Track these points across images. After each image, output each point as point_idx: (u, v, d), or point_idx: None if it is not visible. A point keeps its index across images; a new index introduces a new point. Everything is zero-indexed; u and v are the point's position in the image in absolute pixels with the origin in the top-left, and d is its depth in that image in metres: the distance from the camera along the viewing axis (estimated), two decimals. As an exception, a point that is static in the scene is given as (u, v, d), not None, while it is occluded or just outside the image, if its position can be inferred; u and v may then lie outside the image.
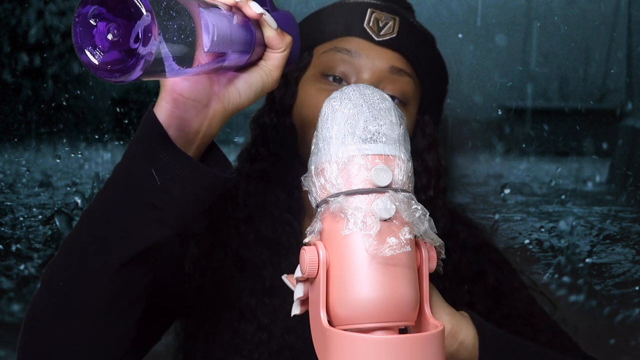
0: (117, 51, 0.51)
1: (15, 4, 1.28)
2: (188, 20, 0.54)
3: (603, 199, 1.34)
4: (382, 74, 0.91)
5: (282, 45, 0.69)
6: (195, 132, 0.68)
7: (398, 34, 0.92)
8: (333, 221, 0.63)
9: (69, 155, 1.31)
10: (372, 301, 0.61)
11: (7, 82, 1.28)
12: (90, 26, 0.52)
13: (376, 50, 0.92)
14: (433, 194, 0.97)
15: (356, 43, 0.92)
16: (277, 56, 0.70)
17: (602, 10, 1.29)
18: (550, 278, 1.34)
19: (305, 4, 1.27)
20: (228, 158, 0.73)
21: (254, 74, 0.69)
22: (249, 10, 0.66)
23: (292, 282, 0.71)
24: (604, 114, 1.33)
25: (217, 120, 0.69)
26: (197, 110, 0.68)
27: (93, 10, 0.51)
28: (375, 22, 0.92)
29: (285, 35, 0.70)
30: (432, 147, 0.98)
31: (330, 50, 0.92)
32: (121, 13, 0.50)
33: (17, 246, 1.31)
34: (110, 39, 0.52)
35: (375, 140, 0.63)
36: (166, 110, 0.67)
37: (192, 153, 0.69)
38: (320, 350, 0.63)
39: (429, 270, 0.66)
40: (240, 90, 0.69)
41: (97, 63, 0.52)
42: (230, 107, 0.69)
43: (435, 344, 0.60)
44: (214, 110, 0.69)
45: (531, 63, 1.31)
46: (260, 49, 0.69)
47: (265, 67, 0.70)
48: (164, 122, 0.66)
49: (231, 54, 0.63)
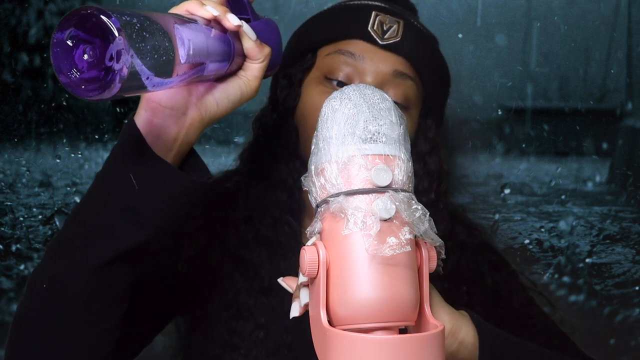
0: (94, 70, 0.54)
1: (15, 4, 1.28)
2: (162, 38, 0.57)
3: (603, 199, 1.34)
4: (386, 77, 0.91)
5: (260, 56, 0.71)
6: (172, 140, 0.70)
7: (402, 37, 0.93)
8: (333, 221, 0.63)
9: (69, 155, 1.31)
10: (372, 301, 0.61)
11: (7, 82, 1.28)
12: (67, 47, 0.55)
13: (380, 53, 0.92)
14: (434, 197, 0.97)
15: (360, 46, 0.92)
16: (256, 67, 0.72)
17: (602, 10, 1.29)
18: (550, 278, 1.34)
19: (305, 3, 1.27)
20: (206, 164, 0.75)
21: (232, 84, 0.71)
22: (227, 23, 0.67)
23: (289, 284, 0.71)
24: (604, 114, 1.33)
25: (194, 128, 0.71)
26: (174, 119, 0.70)
27: (70, 32, 0.54)
28: (379, 26, 0.92)
29: (264, 47, 0.71)
30: (434, 150, 0.98)
31: (334, 53, 0.92)
32: (96, 33, 0.53)
33: (17, 246, 1.31)
34: (86, 59, 0.54)
35: (375, 140, 0.63)
36: (145, 119, 0.69)
37: (170, 159, 0.71)
38: (320, 351, 0.63)
39: (429, 270, 0.66)
40: (217, 100, 0.71)
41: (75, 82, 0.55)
42: (207, 116, 0.71)
43: (435, 343, 0.60)
44: (191, 119, 0.71)
45: (531, 63, 1.31)
46: (239, 59, 0.71)
47: (244, 77, 0.72)
48: (143, 129, 0.69)
49: (209, 65, 0.65)
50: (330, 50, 0.93)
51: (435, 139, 0.98)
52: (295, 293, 0.69)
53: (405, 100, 0.92)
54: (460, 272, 1.00)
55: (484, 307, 0.99)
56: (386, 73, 0.91)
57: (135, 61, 0.53)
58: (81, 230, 0.71)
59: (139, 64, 0.54)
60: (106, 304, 0.73)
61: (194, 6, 0.66)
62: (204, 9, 0.66)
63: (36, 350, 0.73)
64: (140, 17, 0.55)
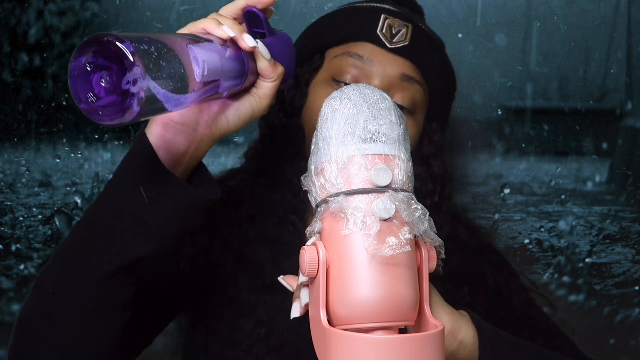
0: (112, 96, 0.55)
1: (15, 4, 1.28)
2: (178, 64, 0.58)
3: (603, 199, 1.34)
4: (393, 81, 0.91)
5: (273, 76, 0.72)
6: (182, 154, 0.71)
7: (410, 41, 0.93)
8: (333, 221, 0.63)
9: (69, 155, 1.31)
10: (372, 301, 0.61)
11: (7, 82, 1.28)
12: (85, 73, 0.55)
13: (388, 57, 0.92)
14: (438, 200, 0.97)
15: (369, 49, 0.92)
16: (269, 85, 0.72)
17: (602, 10, 1.29)
18: (550, 278, 1.34)
19: (305, 3, 1.27)
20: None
21: (244, 102, 0.72)
22: (244, 44, 0.68)
23: (289, 283, 0.71)
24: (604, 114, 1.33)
25: (204, 144, 0.72)
26: (185, 135, 0.70)
27: (87, 58, 0.55)
28: (388, 29, 0.92)
29: (277, 67, 0.72)
30: (439, 154, 0.98)
31: (343, 55, 0.93)
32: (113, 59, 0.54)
33: (17, 246, 1.31)
34: (103, 85, 0.55)
35: (375, 140, 0.63)
36: (157, 133, 0.70)
37: (179, 173, 0.72)
38: (320, 350, 0.63)
39: (429, 270, 0.66)
40: (229, 118, 0.72)
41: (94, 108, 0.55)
42: (218, 132, 0.72)
43: (435, 344, 0.60)
44: (201, 135, 0.71)
45: (531, 63, 1.31)
46: (253, 77, 0.72)
47: (256, 95, 0.72)
48: (154, 143, 0.69)
49: (224, 83, 0.66)
50: (338, 52, 0.94)
51: (440, 142, 0.98)
52: (296, 293, 0.69)
53: (412, 104, 0.92)
54: (461, 273, 1.00)
55: (485, 307, 0.99)
56: (394, 77, 0.91)
57: (151, 84, 0.54)
58: (88, 239, 0.72)
59: (155, 87, 0.54)
60: (110, 313, 0.73)
61: (212, 26, 0.67)
62: (221, 29, 0.67)
63: (38, 351, 0.73)
64: (157, 44, 0.56)
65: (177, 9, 1.28)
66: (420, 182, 0.96)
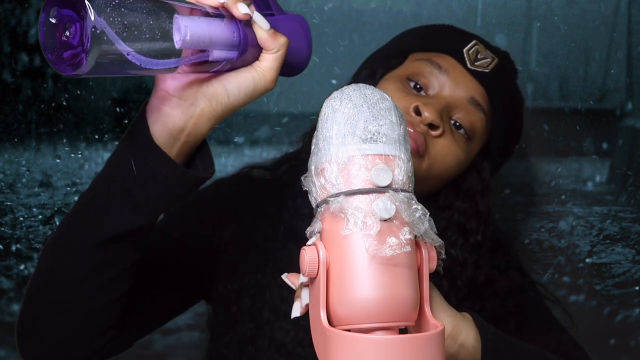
0: (74, 47, 0.57)
1: (15, 4, 1.28)
2: (149, 17, 0.59)
3: (603, 199, 1.34)
4: (460, 100, 0.94)
5: (274, 46, 0.69)
6: (179, 129, 0.70)
7: (491, 72, 0.96)
8: (333, 221, 0.63)
9: (69, 155, 1.31)
10: (372, 301, 0.61)
11: (7, 82, 1.28)
12: (52, 26, 0.57)
13: (465, 76, 0.95)
14: (480, 239, 0.98)
15: (449, 62, 0.95)
16: (270, 57, 0.70)
17: (602, 10, 1.29)
18: (550, 278, 1.34)
19: (305, 3, 1.27)
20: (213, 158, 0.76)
21: (244, 74, 0.70)
22: (236, 11, 0.66)
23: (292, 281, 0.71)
24: (604, 114, 1.33)
25: (204, 119, 0.70)
26: (183, 109, 0.69)
27: (53, 11, 0.57)
28: (474, 52, 0.96)
29: (278, 36, 0.69)
30: (486, 192, 1.00)
31: (424, 60, 0.96)
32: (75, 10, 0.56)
33: (17, 246, 1.31)
34: (68, 35, 0.57)
35: (375, 140, 0.63)
36: (154, 106, 0.70)
37: (177, 149, 0.71)
38: (320, 350, 0.63)
39: (429, 270, 0.66)
40: (228, 91, 0.70)
41: (60, 60, 0.57)
42: (219, 107, 0.70)
43: (435, 344, 0.60)
44: (200, 110, 0.70)
45: (531, 63, 1.31)
46: (255, 50, 0.70)
47: (258, 68, 0.70)
48: (151, 117, 0.69)
49: (215, 53, 0.65)
50: (421, 56, 0.97)
51: (488, 180, 1.00)
52: (297, 292, 0.69)
53: (471, 129, 0.94)
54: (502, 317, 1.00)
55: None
56: (462, 96, 0.94)
57: (108, 31, 0.55)
58: (85, 207, 0.74)
59: (112, 34, 0.55)
60: (108, 279, 0.75)
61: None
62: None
63: (41, 311, 0.77)
64: (135, 4, 0.57)
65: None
66: (464, 218, 0.98)
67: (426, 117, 0.89)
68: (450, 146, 0.92)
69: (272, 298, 0.96)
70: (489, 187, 1.00)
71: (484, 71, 0.95)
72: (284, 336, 0.94)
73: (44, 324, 0.77)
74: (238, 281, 0.99)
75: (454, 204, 0.99)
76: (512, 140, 1.04)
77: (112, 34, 0.55)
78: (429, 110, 0.89)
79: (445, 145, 0.92)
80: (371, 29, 1.28)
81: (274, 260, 0.97)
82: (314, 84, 1.30)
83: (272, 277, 0.96)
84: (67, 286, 0.75)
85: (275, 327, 0.95)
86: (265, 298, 0.96)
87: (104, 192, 0.72)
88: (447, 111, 0.93)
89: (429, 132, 0.90)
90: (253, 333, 0.96)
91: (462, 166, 0.96)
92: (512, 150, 1.05)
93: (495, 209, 1.04)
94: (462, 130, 0.94)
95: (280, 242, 0.97)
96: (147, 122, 0.69)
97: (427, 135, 0.90)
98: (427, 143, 0.90)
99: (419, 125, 0.89)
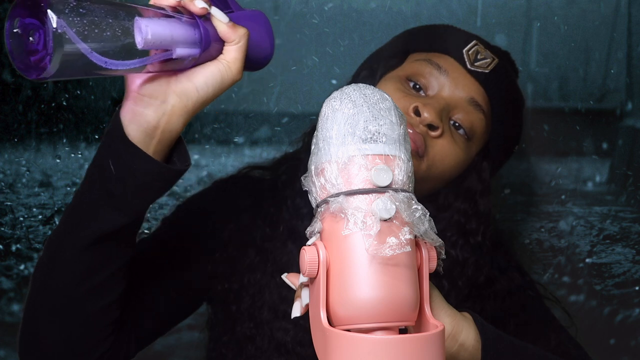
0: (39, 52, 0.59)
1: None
2: (107, 18, 0.61)
3: (603, 199, 1.34)
4: (460, 101, 0.94)
5: (234, 37, 0.71)
6: (153, 127, 0.71)
7: (490, 73, 0.96)
8: (333, 221, 0.63)
9: (69, 155, 1.31)
10: (372, 301, 0.61)
11: (7, 82, 1.28)
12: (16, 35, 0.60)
13: (464, 76, 0.95)
14: (481, 240, 0.98)
15: (449, 62, 0.95)
16: (232, 48, 0.71)
17: (602, 10, 1.29)
18: (550, 278, 1.34)
19: (305, 3, 1.27)
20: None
21: (210, 67, 0.71)
22: (193, 7, 0.68)
23: (292, 281, 0.71)
24: (604, 114, 1.33)
25: (176, 116, 0.72)
26: (154, 107, 0.71)
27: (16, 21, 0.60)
28: (474, 53, 0.96)
29: (237, 28, 0.71)
30: (486, 192, 1.00)
31: (423, 60, 0.96)
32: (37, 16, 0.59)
33: (17, 246, 1.31)
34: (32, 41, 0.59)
35: (375, 140, 0.63)
36: (127, 108, 0.71)
37: (153, 146, 0.72)
38: (320, 350, 0.63)
39: (429, 270, 0.66)
40: (197, 85, 0.71)
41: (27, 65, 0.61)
42: (190, 102, 0.72)
43: (435, 344, 0.60)
44: (172, 107, 0.71)
45: (531, 63, 1.31)
46: (218, 44, 0.72)
47: (223, 60, 0.72)
48: (125, 117, 0.71)
49: (178, 50, 0.67)
50: (421, 57, 0.97)
51: (488, 181, 1.00)
52: (297, 292, 0.69)
53: (470, 129, 0.94)
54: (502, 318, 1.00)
55: None
56: (462, 97, 0.94)
57: (68, 31, 0.58)
58: (72, 212, 0.76)
59: (72, 35, 0.58)
60: (98, 282, 0.76)
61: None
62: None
63: (39, 323, 0.78)
64: (94, 6, 0.60)
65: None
66: (464, 219, 0.98)
67: (425, 118, 0.89)
68: (449, 147, 0.92)
69: (271, 298, 0.96)
70: (488, 188, 1.00)
71: (483, 72, 0.95)
72: (284, 336, 0.94)
73: (43, 336, 0.78)
74: (237, 281, 0.99)
75: (454, 204, 0.99)
76: (512, 141, 1.03)
77: (72, 34, 0.58)
78: (428, 110, 0.89)
79: (445, 145, 0.92)
80: (371, 29, 1.28)
81: (273, 260, 0.97)
82: (314, 84, 1.30)
83: (272, 276, 0.96)
84: (61, 293, 0.76)
85: (275, 326, 0.95)
86: (264, 298, 0.96)
87: (85, 196, 0.74)
88: (447, 112, 0.93)
89: (429, 133, 0.90)
90: (252, 332, 0.96)
91: (462, 167, 0.96)
92: (512, 151, 1.05)
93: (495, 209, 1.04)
94: (461, 130, 0.94)
95: (280, 242, 0.97)
96: (122, 124, 0.71)
97: (426, 136, 0.90)
98: (427, 144, 0.90)
99: (419, 126, 0.89)
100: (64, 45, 0.58)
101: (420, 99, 0.92)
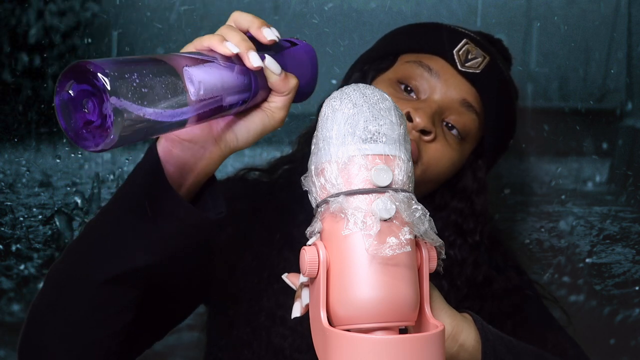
0: (94, 120, 0.55)
1: (15, 4, 1.28)
2: (167, 85, 0.57)
3: (603, 199, 1.34)
4: (452, 103, 0.93)
5: (285, 90, 0.69)
6: (190, 170, 0.71)
7: (482, 72, 0.95)
8: (333, 221, 0.63)
9: (69, 155, 1.31)
10: (372, 301, 0.61)
11: (7, 82, 1.28)
12: (69, 103, 0.55)
13: (455, 78, 0.94)
14: (478, 239, 0.98)
15: (439, 64, 0.94)
16: (280, 99, 0.70)
17: (602, 10, 1.29)
18: (550, 278, 1.34)
19: (305, 3, 1.27)
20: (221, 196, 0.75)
21: (254, 117, 0.70)
22: (248, 63, 0.66)
23: (292, 281, 0.71)
24: (604, 114, 1.33)
25: (213, 161, 0.71)
26: (193, 152, 0.70)
27: (69, 87, 0.55)
28: (465, 53, 0.95)
29: (289, 79, 0.69)
30: (482, 191, 0.99)
31: (414, 62, 0.95)
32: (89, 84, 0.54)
33: (17, 246, 1.31)
34: (86, 111, 0.55)
35: (375, 140, 0.63)
36: (164, 148, 0.70)
37: (186, 187, 0.72)
38: (320, 350, 0.63)
39: (430, 271, 0.66)
40: (237, 135, 0.71)
41: (80, 135, 0.55)
42: (227, 150, 0.71)
43: (435, 344, 0.60)
44: (210, 153, 0.71)
45: (531, 63, 1.30)
46: (264, 92, 0.70)
47: (267, 109, 0.71)
48: (162, 157, 0.69)
49: (227, 99, 0.64)
50: (411, 58, 0.96)
51: (484, 179, 1.00)
52: (297, 292, 0.69)
53: (463, 130, 0.94)
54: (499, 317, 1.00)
55: None
56: (454, 99, 0.93)
57: (127, 105, 0.54)
58: (94, 243, 0.73)
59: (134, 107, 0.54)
60: (110, 315, 0.74)
61: (215, 42, 0.65)
62: (224, 46, 0.65)
63: (43, 337, 0.76)
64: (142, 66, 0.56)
65: (177, 9, 1.28)
66: (461, 218, 0.98)
67: (418, 124, 0.89)
68: (443, 150, 0.92)
69: (268, 303, 0.95)
70: (484, 186, 1.00)
71: (474, 72, 0.95)
72: (281, 341, 0.94)
73: (45, 351, 0.76)
74: (234, 285, 0.98)
75: (450, 204, 0.99)
76: (507, 135, 1.03)
77: (132, 106, 0.54)
78: (420, 116, 0.89)
79: (439, 149, 0.92)
80: (371, 29, 1.28)
81: (269, 264, 0.97)
82: (314, 84, 1.30)
83: (268, 281, 0.96)
84: (71, 318, 0.74)
85: (272, 332, 0.94)
86: (262, 302, 0.96)
87: (113, 229, 0.71)
88: (439, 115, 0.92)
89: (422, 138, 0.90)
90: (249, 337, 0.96)
91: (457, 167, 0.96)
92: (507, 145, 1.05)
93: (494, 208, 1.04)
94: (454, 131, 0.93)
95: (276, 249, 0.97)
96: (161, 163, 0.68)
97: (419, 141, 0.90)
98: (420, 149, 0.90)
99: (411, 131, 0.89)
100: (125, 115, 0.54)
101: (412, 103, 0.92)
